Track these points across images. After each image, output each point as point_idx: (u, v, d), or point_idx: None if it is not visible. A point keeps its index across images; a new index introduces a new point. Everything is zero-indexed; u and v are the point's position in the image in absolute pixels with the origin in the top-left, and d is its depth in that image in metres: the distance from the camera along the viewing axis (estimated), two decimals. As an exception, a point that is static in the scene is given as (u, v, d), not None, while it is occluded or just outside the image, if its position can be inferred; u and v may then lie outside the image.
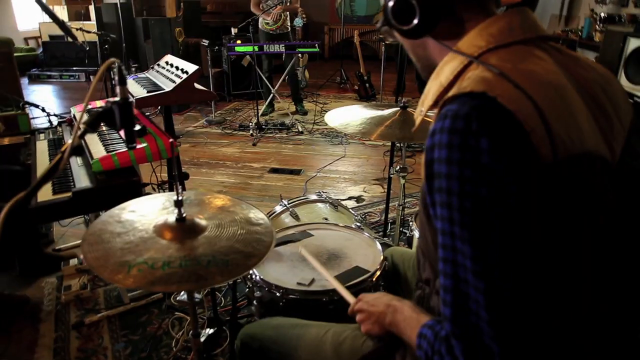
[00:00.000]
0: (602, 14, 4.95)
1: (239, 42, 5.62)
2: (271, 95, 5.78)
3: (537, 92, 0.72)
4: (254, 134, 5.14)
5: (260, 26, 5.65)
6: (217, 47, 6.08)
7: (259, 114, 5.37)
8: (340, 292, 1.29)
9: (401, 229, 2.64)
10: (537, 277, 0.73)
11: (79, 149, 0.92)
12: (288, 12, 5.65)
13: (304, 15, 8.22)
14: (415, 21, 0.83)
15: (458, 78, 0.80)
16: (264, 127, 5.31)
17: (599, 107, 0.82)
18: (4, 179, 2.45)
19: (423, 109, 0.89)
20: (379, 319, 1.04)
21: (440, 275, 0.76)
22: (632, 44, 3.66)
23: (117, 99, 1.00)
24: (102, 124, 1.01)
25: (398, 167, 2.38)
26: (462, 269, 0.72)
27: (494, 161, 0.68)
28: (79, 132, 0.93)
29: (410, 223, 2.46)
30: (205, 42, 5.91)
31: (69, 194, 1.78)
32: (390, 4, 0.87)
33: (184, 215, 1.18)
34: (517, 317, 0.71)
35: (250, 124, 5.40)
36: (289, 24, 5.77)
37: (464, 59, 0.81)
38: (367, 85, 6.65)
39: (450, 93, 0.77)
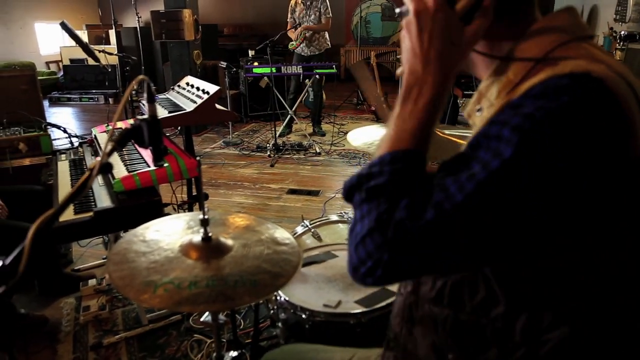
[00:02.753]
0: (622, 32, 4.91)
1: (256, 63, 5.68)
2: (289, 116, 5.80)
3: (635, 82, 0.67)
4: (272, 155, 5.14)
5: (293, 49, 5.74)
6: (234, 69, 6.16)
7: (277, 135, 5.39)
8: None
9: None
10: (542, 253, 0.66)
11: (108, 167, 0.91)
12: (323, 32, 5.71)
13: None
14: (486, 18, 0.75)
15: (530, 73, 0.71)
16: (281, 148, 5.32)
17: None
18: (26, 199, 2.45)
19: (483, 107, 0.79)
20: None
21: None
22: (655, 62, 3.61)
23: (145, 116, 0.99)
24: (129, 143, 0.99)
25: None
26: (466, 174, 0.63)
27: (592, 148, 0.61)
28: (108, 150, 0.91)
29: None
30: (223, 64, 5.98)
31: (91, 213, 1.77)
32: None
33: (210, 234, 1.15)
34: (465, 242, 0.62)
35: (268, 145, 5.41)
36: (326, 44, 5.82)
37: (543, 48, 0.72)
38: (385, 105, 6.65)
39: (541, 76, 0.67)
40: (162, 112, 2.55)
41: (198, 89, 2.71)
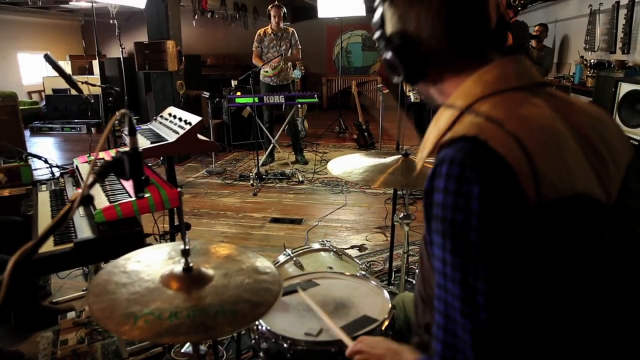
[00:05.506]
0: (592, 60, 5.10)
1: (238, 93, 5.74)
2: (271, 145, 5.84)
3: (526, 136, 0.75)
4: (255, 184, 5.16)
5: (261, 78, 5.80)
6: (217, 99, 6.21)
7: (259, 164, 5.41)
8: (337, 334, 1.29)
9: (406, 277, 2.60)
10: (529, 318, 0.73)
11: (89, 199, 0.92)
12: (290, 64, 5.81)
13: (302, 67, 8.46)
14: (401, 77, 0.93)
15: (454, 124, 0.84)
16: (264, 177, 5.34)
17: (594, 150, 0.83)
18: (5, 230, 2.42)
19: (424, 154, 0.92)
20: None
21: (435, 312, 0.79)
22: (624, 88, 3.77)
23: (126, 149, 1.01)
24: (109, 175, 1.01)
25: (401, 214, 2.37)
26: (451, 309, 0.75)
27: (483, 208, 0.71)
28: (89, 182, 0.93)
29: (416, 270, 2.43)
30: (206, 94, 6.03)
31: (71, 244, 1.76)
32: (382, 57, 0.96)
33: (191, 264, 1.16)
34: (503, 356, 0.73)
35: (251, 174, 5.43)
36: (291, 75, 5.92)
37: (466, 101, 0.85)
38: (366, 134, 6.74)
39: (446, 137, 0.81)
40: (144, 143, 2.56)
41: (180, 119, 2.73)
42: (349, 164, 2.15)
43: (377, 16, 0.96)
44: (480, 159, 0.73)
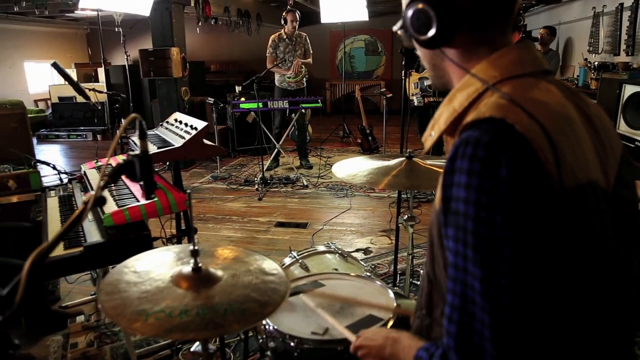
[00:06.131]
0: (596, 63, 5.11)
1: (243, 99, 5.79)
2: (276, 150, 5.88)
3: (548, 122, 0.75)
4: (260, 189, 5.19)
5: (277, 84, 5.84)
6: (221, 105, 6.26)
7: (264, 169, 5.44)
8: (340, 330, 1.30)
9: (411, 279, 2.62)
10: (549, 302, 0.74)
11: (102, 200, 0.95)
12: (305, 68, 5.87)
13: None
14: (432, 31, 0.84)
15: (472, 105, 0.83)
16: (269, 181, 5.37)
17: (598, 138, 0.85)
18: (14, 236, 2.46)
19: (434, 132, 0.90)
20: (379, 352, 1.05)
21: (449, 294, 0.78)
22: (628, 90, 3.78)
23: (137, 152, 1.04)
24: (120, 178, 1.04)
25: (405, 216, 2.39)
26: (470, 290, 0.74)
27: (510, 191, 0.70)
28: (102, 184, 0.96)
29: (421, 272, 2.45)
30: (210, 100, 6.08)
31: (80, 248, 1.79)
32: (409, 13, 0.87)
33: (200, 265, 1.19)
34: (520, 339, 0.72)
35: (256, 179, 5.47)
36: (305, 80, 5.97)
37: (479, 86, 0.84)
38: (370, 138, 6.77)
39: (469, 118, 0.79)
40: (151, 148, 2.60)
41: (186, 124, 2.76)
42: (353, 167, 2.18)
43: None
44: (508, 142, 0.72)
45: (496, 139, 0.73)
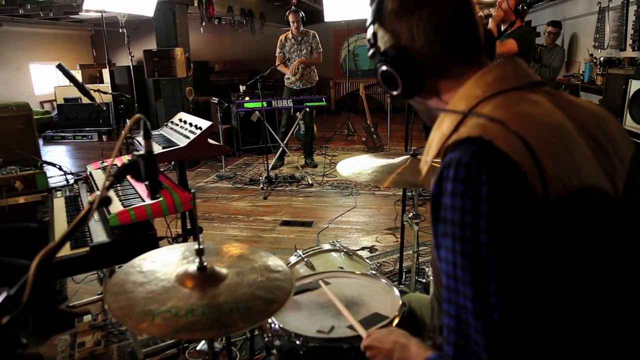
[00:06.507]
0: (602, 58, 5.08)
1: (247, 98, 5.80)
2: (281, 149, 5.88)
3: (529, 133, 0.75)
4: (265, 188, 5.20)
5: (286, 84, 5.87)
6: (226, 104, 6.27)
7: (269, 168, 5.45)
8: (353, 325, 1.32)
9: (417, 277, 2.61)
10: (542, 316, 0.73)
11: (107, 200, 0.95)
12: (313, 66, 5.86)
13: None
14: (399, 90, 0.94)
15: (459, 127, 0.85)
16: (274, 180, 5.37)
17: (598, 144, 0.85)
18: (20, 237, 2.47)
19: (428, 158, 0.93)
20: (387, 355, 1.06)
21: (445, 316, 0.79)
22: (635, 85, 3.74)
23: (141, 152, 1.04)
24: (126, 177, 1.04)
25: (411, 214, 2.39)
26: (463, 311, 0.75)
27: (492, 209, 0.71)
28: (107, 184, 0.96)
29: (427, 269, 2.45)
30: (215, 100, 6.09)
31: (87, 248, 1.80)
32: (378, 72, 0.97)
33: (205, 264, 1.19)
34: (516, 358, 0.72)
35: (261, 178, 5.47)
36: (315, 78, 5.96)
37: (468, 104, 0.86)
38: (375, 136, 6.76)
39: (450, 140, 0.82)
40: (156, 148, 2.60)
41: (191, 124, 2.77)
42: (358, 165, 2.17)
43: (369, 34, 0.99)
44: (486, 159, 0.73)
45: (474, 157, 0.74)
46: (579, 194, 0.76)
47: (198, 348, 2.25)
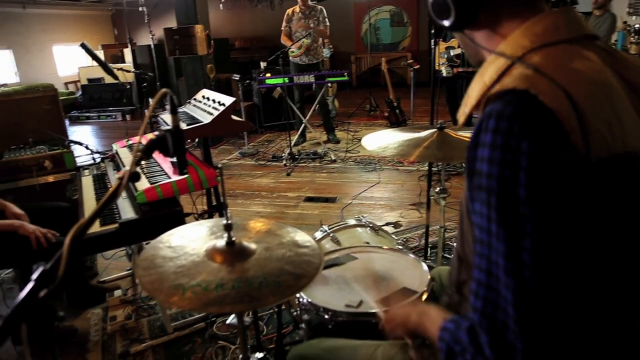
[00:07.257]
0: (636, 26, 4.88)
1: (268, 75, 5.76)
2: (303, 125, 5.86)
3: (576, 90, 0.72)
4: (288, 164, 5.20)
5: (291, 58, 5.80)
6: (247, 81, 6.24)
7: (292, 144, 5.44)
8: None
9: (443, 253, 2.59)
10: (572, 279, 0.72)
11: (136, 175, 0.95)
12: (320, 41, 5.77)
13: (330, 46, 8.39)
14: (451, 19, 0.88)
15: (502, 77, 0.81)
16: (297, 157, 5.37)
17: None
18: (51, 215, 2.52)
19: (467, 109, 0.89)
20: (404, 319, 1.05)
21: (475, 269, 0.78)
22: (670, 55, 3.59)
23: (169, 127, 1.04)
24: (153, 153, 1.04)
25: (438, 189, 2.36)
26: (495, 266, 0.73)
27: (533, 164, 0.69)
28: (136, 159, 0.96)
29: (454, 243, 2.42)
30: (236, 77, 6.07)
31: (116, 225, 1.83)
32: (430, 0, 0.91)
33: (233, 239, 1.19)
34: (544, 318, 0.71)
35: (283, 154, 5.47)
36: (321, 53, 5.89)
37: (514, 52, 0.81)
38: (397, 111, 6.67)
39: (493, 90, 0.78)
40: (180, 125, 2.61)
41: (214, 101, 2.76)
42: (383, 139, 2.15)
43: None
44: (530, 113, 0.71)
45: (518, 110, 0.71)
46: (622, 158, 0.74)
47: (227, 322, 2.28)
